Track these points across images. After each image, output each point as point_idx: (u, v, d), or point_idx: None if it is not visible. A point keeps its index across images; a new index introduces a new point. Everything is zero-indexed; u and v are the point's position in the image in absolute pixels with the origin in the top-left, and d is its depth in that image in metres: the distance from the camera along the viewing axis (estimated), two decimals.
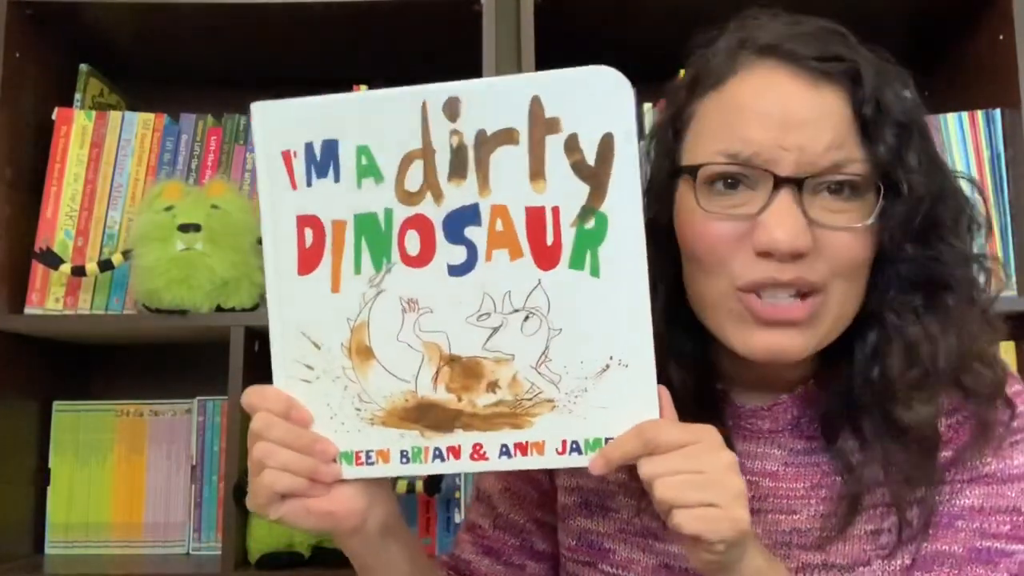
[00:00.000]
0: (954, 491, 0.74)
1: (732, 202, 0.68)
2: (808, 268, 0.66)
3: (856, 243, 0.68)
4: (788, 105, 0.68)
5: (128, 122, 1.42)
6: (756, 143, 0.67)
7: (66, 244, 1.36)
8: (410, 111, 0.66)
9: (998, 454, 0.74)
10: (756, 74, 0.70)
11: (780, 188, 0.66)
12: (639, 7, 1.41)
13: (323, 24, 1.43)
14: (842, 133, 0.68)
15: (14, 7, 1.35)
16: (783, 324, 0.67)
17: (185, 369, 1.55)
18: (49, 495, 1.43)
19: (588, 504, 0.80)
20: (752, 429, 0.77)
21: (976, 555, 0.71)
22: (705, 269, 0.70)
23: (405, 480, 1.33)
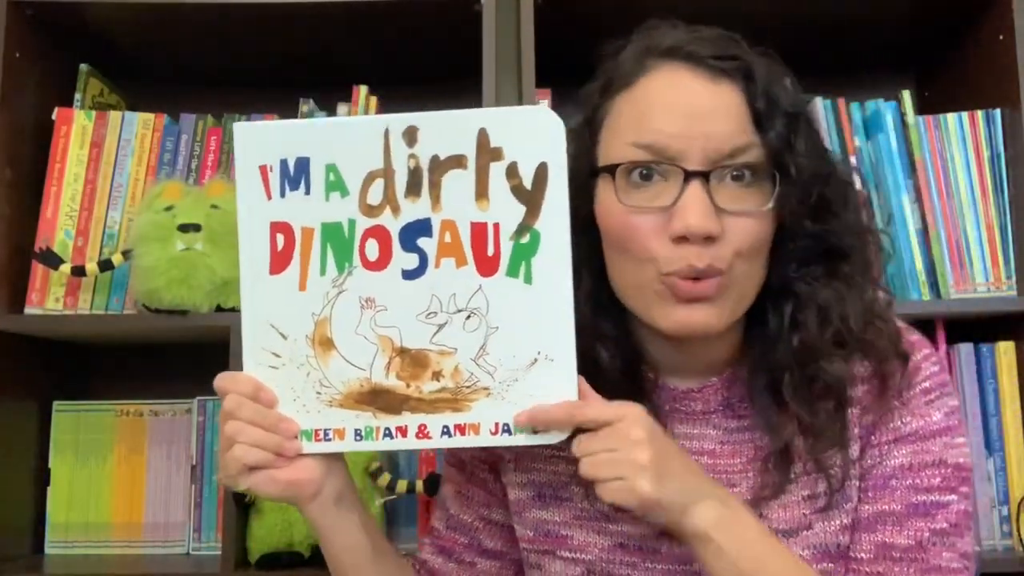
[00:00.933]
0: (883, 453, 0.79)
1: (648, 195, 0.76)
2: (718, 252, 0.74)
3: (758, 226, 0.76)
4: (691, 99, 0.76)
5: (128, 122, 1.42)
6: (665, 133, 0.75)
7: (66, 244, 1.36)
8: (374, 136, 0.76)
9: (917, 413, 0.80)
10: (662, 73, 0.78)
11: (690, 180, 0.74)
12: (638, 7, 1.40)
13: (323, 24, 1.43)
14: (740, 123, 0.76)
15: (14, 7, 1.35)
16: (695, 300, 0.75)
17: (185, 369, 1.55)
18: (49, 495, 1.43)
19: (542, 496, 0.86)
20: (687, 411, 0.84)
21: (914, 509, 0.77)
22: (630, 258, 0.77)
23: (406, 481, 1.33)
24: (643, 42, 0.82)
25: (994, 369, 1.32)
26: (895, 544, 0.77)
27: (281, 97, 1.49)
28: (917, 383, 0.81)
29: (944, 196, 1.35)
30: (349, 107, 1.40)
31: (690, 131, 0.75)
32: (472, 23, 1.36)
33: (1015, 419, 1.31)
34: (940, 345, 1.33)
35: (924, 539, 0.77)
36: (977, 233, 1.34)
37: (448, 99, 1.63)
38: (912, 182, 1.34)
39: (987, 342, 1.33)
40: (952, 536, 0.77)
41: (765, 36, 1.51)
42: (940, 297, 1.32)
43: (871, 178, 1.35)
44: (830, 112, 1.37)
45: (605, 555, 0.82)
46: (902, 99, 1.37)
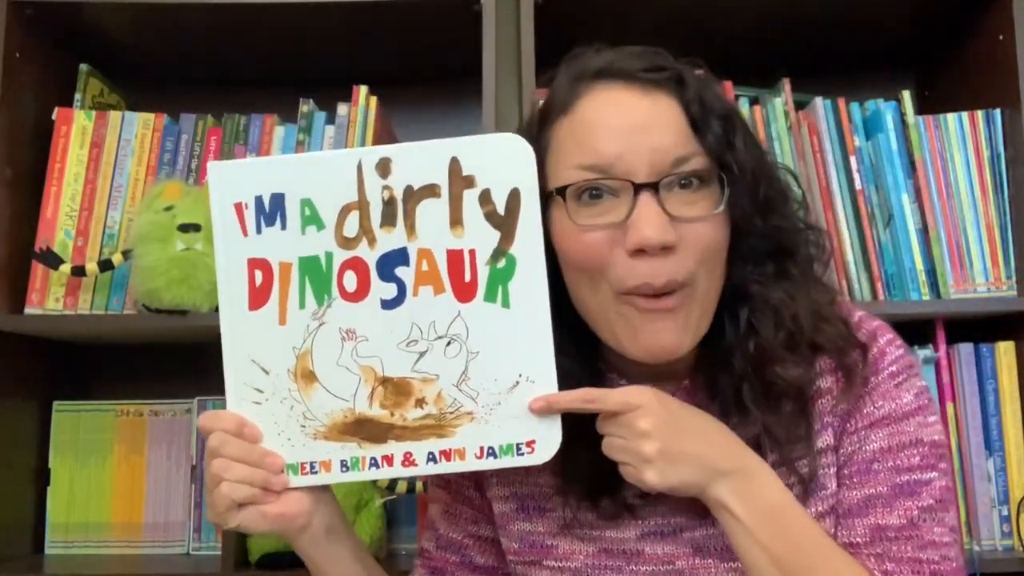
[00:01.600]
0: (861, 439, 0.81)
1: (599, 211, 0.77)
2: (677, 265, 0.75)
3: (713, 230, 0.77)
4: (628, 114, 0.78)
5: (128, 122, 1.42)
6: (609, 153, 0.76)
7: (66, 244, 1.36)
8: (347, 169, 0.77)
9: (888, 396, 0.81)
10: (596, 93, 0.80)
11: (640, 192, 0.75)
12: (638, 8, 1.41)
13: (323, 24, 1.43)
14: (679, 132, 0.77)
15: (14, 7, 1.35)
16: (660, 321, 0.76)
17: (185, 369, 1.55)
18: (49, 495, 1.43)
19: (525, 508, 0.87)
20: None
21: (899, 489, 0.79)
22: (587, 278, 0.78)
23: (406, 481, 1.33)
24: (572, 69, 0.83)
25: (994, 369, 1.32)
26: (888, 525, 0.78)
27: (281, 97, 1.49)
28: (884, 368, 0.82)
29: (944, 196, 1.35)
30: (349, 107, 1.40)
31: (633, 146, 0.76)
32: (472, 23, 1.36)
33: (1015, 419, 1.31)
34: (940, 345, 1.33)
35: (914, 517, 0.78)
36: (977, 233, 1.34)
37: (448, 99, 1.65)
38: (912, 182, 1.34)
39: (987, 342, 1.33)
40: (939, 512, 0.79)
41: (765, 36, 1.53)
42: (940, 297, 1.32)
43: (871, 178, 1.35)
44: (830, 112, 1.37)
45: (590, 561, 0.83)
46: (902, 99, 1.37)
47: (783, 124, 1.36)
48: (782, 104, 1.38)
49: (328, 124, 1.41)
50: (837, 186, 1.35)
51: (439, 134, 1.69)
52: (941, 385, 1.32)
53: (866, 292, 1.32)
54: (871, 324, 0.85)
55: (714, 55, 1.40)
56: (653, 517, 0.82)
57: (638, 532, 0.83)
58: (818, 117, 1.36)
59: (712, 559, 0.80)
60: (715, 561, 0.80)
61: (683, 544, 0.81)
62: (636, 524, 0.83)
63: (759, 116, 1.37)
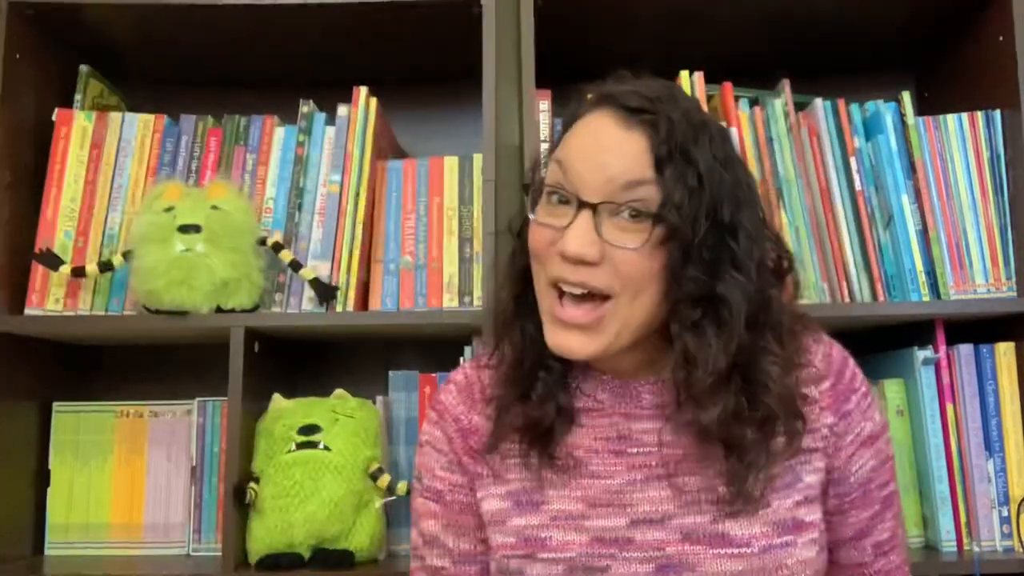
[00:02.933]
0: (854, 459, 0.89)
1: (557, 213, 0.84)
2: (592, 274, 0.81)
3: (637, 260, 0.81)
4: (599, 137, 0.84)
5: (128, 123, 1.42)
6: (573, 166, 0.83)
7: (66, 245, 1.36)
8: None
9: (867, 416, 0.90)
10: (591, 116, 0.86)
11: (582, 209, 0.81)
12: (638, 8, 1.41)
13: (323, 25, 1.43)
14: (639, 166, 0.81)
15: (14, 7, 1.35)
16: (573, 327, 0.83)
17: (185, 370, 1.55)
18: (49, 496, 1.43)
19: (519, 503, 0.90)
20: (639, 404, 0.90)
21: (884, 503, 0.91)
22: (535, 263, 0.87)
23: (405, 482, 1.33)
24: (593, 91, 0.89)
25: (994, 369, 1.32)
26: (882, 540, 0.91)
27: (281, 97, 1.49)
28: (859, 387, 0.91)
29: (944, 197, 1.35)
30: (349, 108, 1.40)
31: (591, 167, 0.82)
32: (472, 24, 1.36)
33: (1015, 419, 1.31)
34: (940, 346, 1.33)
35: (893, 526, 0.92)
36: (977, 234, 1.34)
37: (448, 100, 1.65)
38: (912, 183, 1.34)
39: (987, 342, 1.33)
40: (900, 512, 0.93)
41: (766, 36, 1.53)
42: (940, 297, 1.32)
43: (871, 179, 1.35)
44: (830, 113, 1.37)
45: (584, 551, 0.86)
46: (902, 100, 1.37)
47: (783, 125, 1.36)
48: (782, 105, 1.38)
49: (328, 125, 1.41)
50: (837, 187, 1.35)
51: (439, 134, 1.73)
52: (941, 386, 1.32)
53: (866, 293, 1.32)
54: (831, 348, 0.92)
55: (714, 55, 1.42)
56: (642, 504, 0.86)
57: (628, 520, 0.86)
58: (818, 118, 1.36)
59: (701, 545, 0.83)
60: (704, 547, 0.83)
61: (672, 531, 0.85)
62: (625, 512, 0.86)
63: (759, 117, 1.37)
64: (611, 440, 0.89)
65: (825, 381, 0.89)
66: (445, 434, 0.95)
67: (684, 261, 0.81)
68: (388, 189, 1.42)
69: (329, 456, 1.30)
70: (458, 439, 0.94)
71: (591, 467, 0.89)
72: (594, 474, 0.88)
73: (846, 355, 0.93)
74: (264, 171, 1.41)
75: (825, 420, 0.88)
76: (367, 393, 1.43)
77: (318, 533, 1.28)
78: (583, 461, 0.89)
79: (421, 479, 0.97)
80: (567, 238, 0.81)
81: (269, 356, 1.40)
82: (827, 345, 0.92)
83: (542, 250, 0.85)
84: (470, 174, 1.41)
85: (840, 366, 0.91)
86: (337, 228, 1.37)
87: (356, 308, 1.35)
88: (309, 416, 1.33)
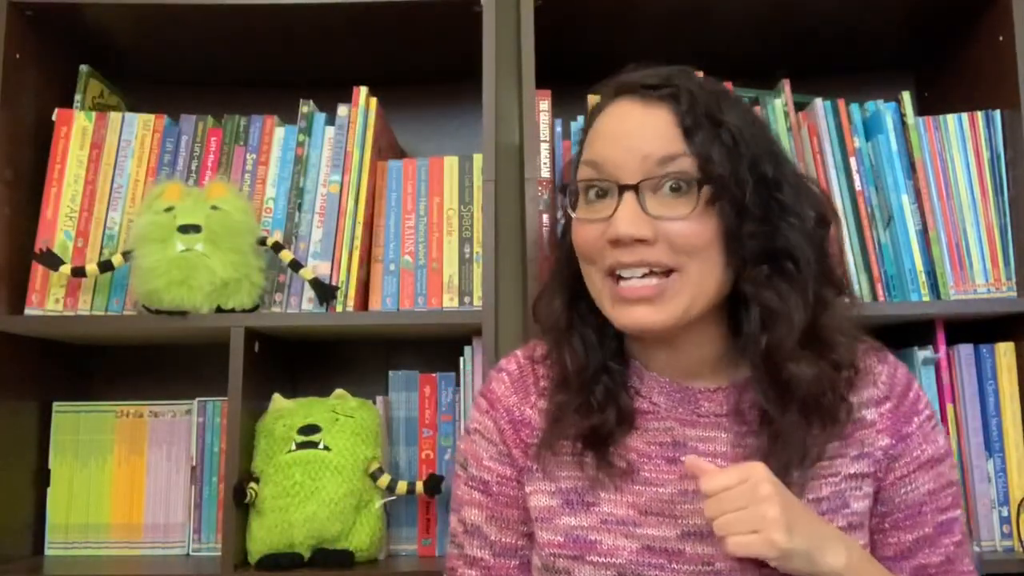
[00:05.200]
0: (910, 481, 0.88)
1: (597, 209, 0.86)
2: (649, 252, 0.82)
3: (690, 229, 0.82)
4: (624, 121, 0.86)
5: (128, 123, 1.42)
6: (603, 155, 0.85)
7: (66, 245, 1.36)
8: None
9: (929, 439, 0.89)
10: (611, 107, 0.89)
11: (624, 193, 0.83)
12: (637, 9, 1.41)
13: (323, 25, 1.43)
14: (669, 139, 0.83)
15: (14, 7, 1.35)
16: (638, 301, 0.83)
17: (185, 370, 1.55)
18: (49, 496, 1.43)
19: (570, 502, 0.89)
20: (698, 412, 0.90)
21: (940, 528, 0.88)
22: (586, 264, 0.88)
23: (406, 482, 1.33)
24: (609, 84, 0.91)
25: (994, 370, 1.32)
26: (929, 563, 0.88)
27: (281, 97, 1.49)
28: (923, 410, 0.90)
29: (944, 197, 1.35)
30: (349, 108, 1.40)
31: (623, 150, 0.84)
32: (472, 24, 1.36)
33: (1015, 420, 1.31)
34: (940, 346, 1.33)
35: (951, 553, 0.88)
36: (977, 234, 1.34)
37: (448, 99, 1.65)
38: (912, 183, 1.34)
39: (987, 343, 1.33)
40: (965, 544, 0.89)
41: (766, 36, 1.53)
42: (940, 297, 1.31)
43: (871, 179, 1.35)
44: (830, 113, 1.36)
45: (634, 558, 0.85)
46: (902, 100, 1.37)
47: (783, 125, 1.36)
48: (782, 105, 1.38)
49: (328, 125, 1.41)
50: (837, 187, 1.34)
51: (439, 134, 1.72)
52: (941, 386, 1.32)
53: (866, 293, 1.32)
54: (900, 367, 0.92)
55: (714, 55, 1.41)
56: (692, 517, 0.86)
57: (679, 532, 0.85)
58: (818, 118, 1.36)
59: (749, 562, 0.81)
60: (753, 565, 0.82)
61: (721, 546, 0.82)
62: (676, 523, 0.86)
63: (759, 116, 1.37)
64: (665, 446, 0.89)
65: (887, 403, 0.89)
66: (496, 424, 0.94)
67: (739, 220, 0.82)
68: (388, 189, 1.42)
69: (329, 456, 1.30)
70: (509, 430, 0.93)
71: (643, 473, 0.88)
72: (646, 480, 0.88)
73: (912, 377, 0.92)
74: (264, 171, 1.41)
75: (881, 443, 0.87)
76: (367, 393, 1.43)
77: (318, 533, 1.28)
78: (636, 466, 0.88)
79: (467, 467, 0.96)
80: (616, 222, 0.82)
81: (269, 356, 1.40)
82: (892, 366, 0.91)
83: (592, 246, 0.85)
84: (470, 174, 1.41)
85: (904, 388, 0.90)
86: (337, 228, 1.37)
87: (356, 308, 1.35)
88: (309, 416, 1.33)
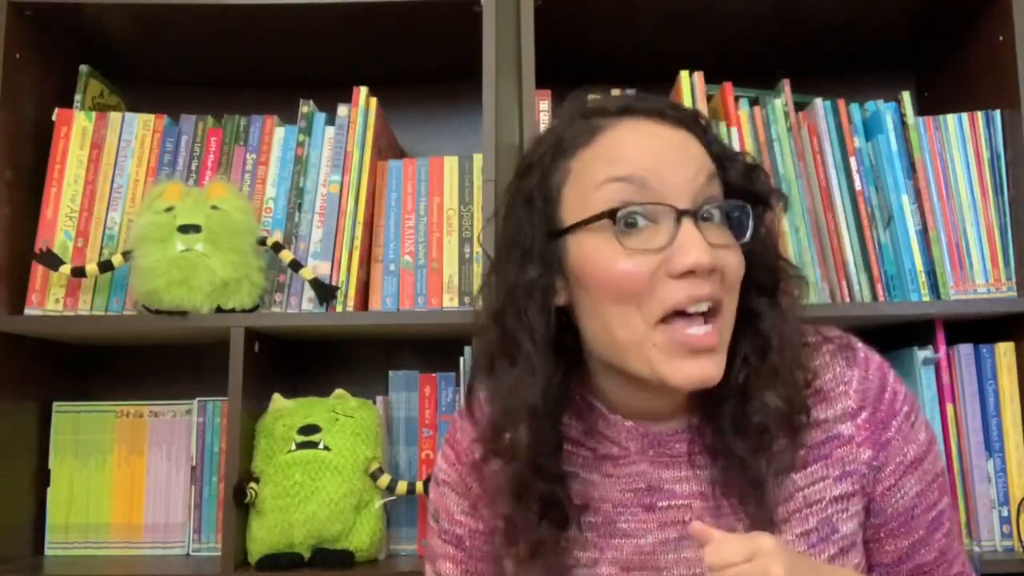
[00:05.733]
0: (898, 488, 0.83)
1: (642, 238, 0.74)
2: (714, 285, 0.74)
3: (739, 259, 0.77)
4: (659, 140, 0.77)
5: (128, 123, 1.42)
6: (644, 166, 0.75)
7: (66, 245, 1.36)
8: None
9: (910, 439, 0.83)
10: (624, 124, 0.79)
11: (683, 218, 0.74)
12: (637, 9, 1.41)
13: (323, 25, 1.43)
14: (707, 165, 0.78)
15: (14, 7, 1.35)
16: (705, 352, 0.74)
17: (185, 370, 1.55)
18: (49, 496, 1.43)
19: (548, 566, 0.82)
20: (671, 454, 0.83)
21: (931, 526, 0.84)
22: (623, 307, 0.75)
23: (406, 482, 1.33)
24: (584, 109, 0.82)
25: (994, 369, 1.32)
26: (924, 562, 0.85)
27: (281, 97, 1.49)
28: (900, 409, 0.84)
29: (944, 197, 1.35)
30: (349, 108, 1.40)
31: (668, 167, 0.75)
32: (472, 24, 1.36)
33: (1015, 419, 1.31)
34: (940, 346, 1.33)
35: (943, 546, 0.85)
36: (977, 233, 1.34)
37: (448, 99, 1.65)
38: (912, 183, 1.34)
39: (987, 342, 1.33)
40: (954, 529, 0.87)
41: (766, 36, 1.53)
42: (940, 297, 1.31)
43: (871, 179, 1.35)
44: (830, 113, 1.36)
45: None
46: (902, 100, 1.37)
47: (783, 125, 1.36)
48: (782, 105, 1.38)
49: (328, 125, 1.41)
50: (837, 187, 1.34)
51: (439, 134, 1.72)
52: (941, 386, 1.32)
53: (866, 293, 1.32)
54: (872, 359, 0.85)
55: (714, 55, 1.42)
56: (677, 568, 0.81)
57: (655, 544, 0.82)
58: (818, 118, 1.36)
59: None
60: None
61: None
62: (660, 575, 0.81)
63: (759, 117, 1.37)
64: (640, 492, 0.83)
65: (862, 413, 0.82)
66: (462, 478, 0.89)
67: (762, 247, 0.81)
68: (388, 189, 1.42)
69: (329, 456, 1.30)
70: (476, 487, 0.87)
71: (620, 524, 0.83)
72: (625, 532, 0.83)
73: (885, 372, 0.85)
74: (264, 171, 1.41)
75: (863, 456, 0.82)
76: (367, 393, 1.43)
77: (318, 533, 1.28)
78: (612, 518, 0.83)
79: (439, 520, 0.91)
80: (688, 249, 0.72)
81: (269, 356, 1.40)
82: (862, 367, 0.84)
83: (643, 281, 0.74)
84: (470, 174, 1.41)
85: (878, 391, 0.83)
86: (337, 228, 1.37)
87: (356, 308, 1.35)
88: (309, 416, 1.33)
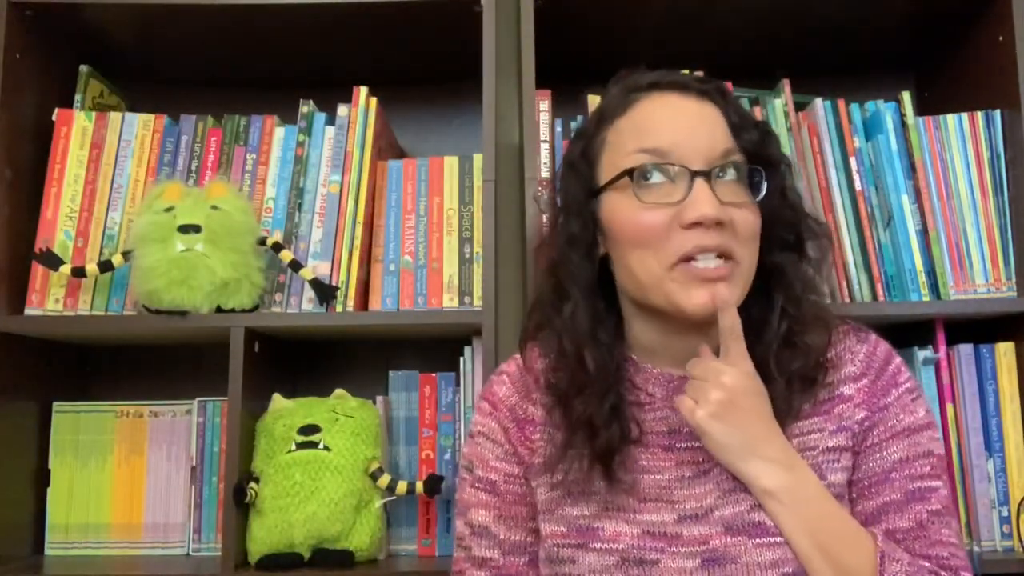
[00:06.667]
0: (878, 449, 0.89)
1: (659, 194, 0.88)
2: (723, 237, 0.86)
3: (752, 215, 0.89)
4: (683, 112, 0.90)
5: (128, 123, 1.42)
6: (668, 140, 0.88)
7: (66, 245, 1.36)
8: None
9: (907, 409, 0.91)
10: (653, 98, 0.92)
11: (696, 177, 0.86)
12: (637, 8, 1.41)
13: (323, 25, 1.43)
14: (726, 133, 0.90)
15: (14, 7, 1.35)
16: (716, 279, 0.86)
17: (185, 370, 1.55)
18: (49, 496, 1.43)
19: (571, 493, 0.92)
20: None
21: (911, 495, 0.88)
22: (639, 250, 0.88)
23: (406, 482, 1.33)
24: (624, 84, 0.95)
25: (994, 369, 1.32)
26: (898, 528, 0.87)
27: (281, 97, 1.49)
28: (902, 383, 0.92)
29: (944, 197, 1.35)
30: (349, 108, 1.40)
31: (688, 138, 0.88)
32: (472, 24, 1.36)
33: (1015, 419, 1.31)
34: (940, 346, 1.33)
35: (924, 519, 0.87)
36: (977, 233, 1.34)
37: (448, 100, 1.65)
38: (912, 183, 1.34)
39: (987, 342, 1.33)
40: (946, 516, 0.88)
41: (766, 36, 1.53)
42: (940, 297, 1.31)
43: (871, 179, 1.35)
44: (830, 113, 1.36)
45: (635, 543, 0.88)
46: (902, 100, 1.37)
47: (783, 125, 1.36)
48: (782, 105, 1.38)
49: (328, 125, 1.41)
50: (837, 187, 1.35)
51: (439, 134, 1.73)
52: (941, 386, 1.32)
53: (866, 293, 1.32)
54: (881, 344, 0.95)
55: (714, 55, 1.41)
56: (688, 502, 0.89)
57: (675, 516, 0.88)
58: (818, 118, 1.36)
59: (741, 536, 0.85)
60: (744, 538, 0.85)
61: (714, 524, 0.87)
62: (674, 508, 0.89)
63: (759, 117, 1.37)
64: (660, 435, 0.92)
65: (864, 379, 0.92)
66: (500, 424, 0.97)
67: (781, 207, 0.92)
68: (388, 189, 1.42)
69: (329, 456, 1.30)
70: (514, 429, 0.96)
71: (641, 462, 0.91)
72: (644, 468, 0.91)
73: (892, 354, 0.95)
74: (264, 171, 1.41)
75: (857, 416, 0.90)
76: (367, 393, 1.43)
77: (318, 533, 1.28)
78: (635, 456, 0.91)
79: (472, 470, 0.98)
80: (697, 204, 0.85)
81: (269, 356, 1.40)
82: (872, 344, 0.95)
83: (656, 231, 0.86)
84: (470, 174, 1.41)
85: (882, 364, 0.93)
86: (337, 228, 1.37)
87: (356, 308, 1.35)
88: (309, 416, 1.33)
